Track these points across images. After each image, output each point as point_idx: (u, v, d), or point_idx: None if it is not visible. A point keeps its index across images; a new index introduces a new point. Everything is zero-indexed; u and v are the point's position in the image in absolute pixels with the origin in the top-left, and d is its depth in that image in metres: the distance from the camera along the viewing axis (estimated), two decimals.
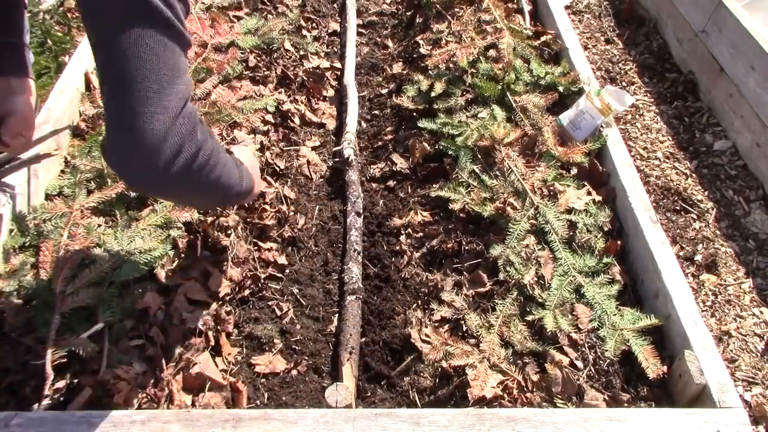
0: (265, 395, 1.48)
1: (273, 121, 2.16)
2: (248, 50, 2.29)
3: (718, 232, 2.00)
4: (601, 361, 1.42)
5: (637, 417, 1.22)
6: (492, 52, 2.25)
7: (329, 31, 2.89)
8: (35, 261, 1.51)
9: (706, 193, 2.13)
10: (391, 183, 2.11)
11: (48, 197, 1.73)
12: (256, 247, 1.75)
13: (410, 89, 2.31)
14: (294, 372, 1.55)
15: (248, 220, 1.78)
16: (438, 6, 2.65)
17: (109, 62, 0.92)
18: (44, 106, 1.88)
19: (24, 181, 1.66)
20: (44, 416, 1.21)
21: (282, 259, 1.76)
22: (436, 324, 1.57)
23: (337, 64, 2.66)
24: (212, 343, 1.51)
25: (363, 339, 1.61)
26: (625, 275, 1.63)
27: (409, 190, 2.04)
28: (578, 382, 1.37)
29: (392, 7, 3.17)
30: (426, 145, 2.06)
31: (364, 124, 2.42)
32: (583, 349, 1.44)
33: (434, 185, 1.93)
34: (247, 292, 1.66)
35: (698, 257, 1.91)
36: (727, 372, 1.32)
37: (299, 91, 2.41)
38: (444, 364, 1.44)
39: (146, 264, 1.52)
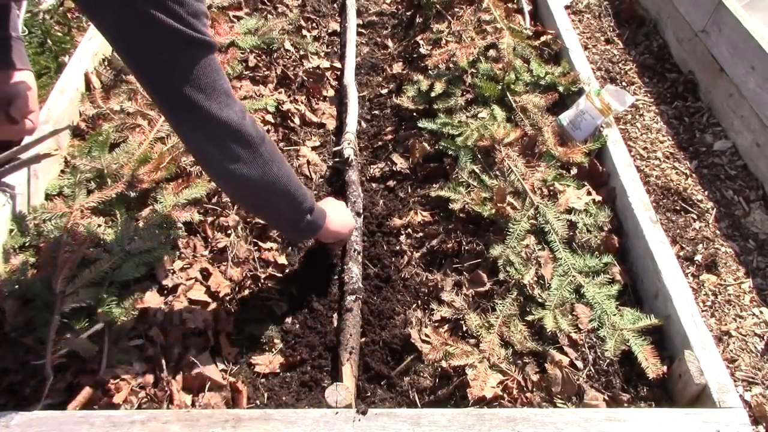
0: (265, 395, 1.48)
1: (273, 121, 2.16)
2: (248, 50, 2.29)
3: (718, 232, 2.00)
4: (601, 361, 1.42)
5: (637, 417, 1.23)
6: (492, 52, 2.25)
7: (329, 31, 2.89)
8: (35, 261, 1.51)
9: (706, 193, 2.13)
10: (391, 183, 2.11)
11: (48, 197, 1.73)
12: (256, 247, 1.75)
13: (410, 89, 2.31)
14: (294, 372, 1.55)
15: (248, 220, 1.78)
16: (438, 6, 2.64)
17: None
18: (44, 106, 1.87)
19: (24, 181, 1.66)
20: (44, 416, 1.21)
21: (282, 259, 1.75)
22: (436, 324, 1.57)
23: (337, 64, 2.66)
24: (212, 343, 1.51)
25: (363, 339, 1.61)
26: (625, 275, 1.63)
27: (409, 190, 2.04)
28: (578, 382, 1.37)
29: (392, 7, 3.17)
30: (426, 145, 2.06)
31: (364, 124, 2.42)
32: (583, 349, 1.44)
33: (434, 185, 1.93)
34: (247, 292, 1.66)
35: (698, 257, 1.91)
36: (727, 372, 1.32)
37: (299, 91, 2.41)
38: (444, 364, 1.44)
39: (146, 264, 1.52)
